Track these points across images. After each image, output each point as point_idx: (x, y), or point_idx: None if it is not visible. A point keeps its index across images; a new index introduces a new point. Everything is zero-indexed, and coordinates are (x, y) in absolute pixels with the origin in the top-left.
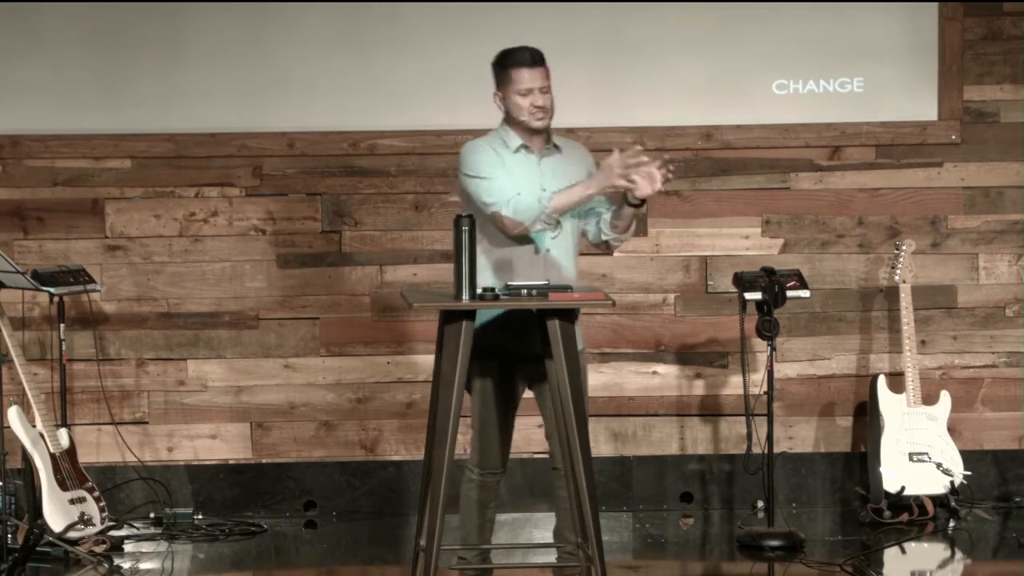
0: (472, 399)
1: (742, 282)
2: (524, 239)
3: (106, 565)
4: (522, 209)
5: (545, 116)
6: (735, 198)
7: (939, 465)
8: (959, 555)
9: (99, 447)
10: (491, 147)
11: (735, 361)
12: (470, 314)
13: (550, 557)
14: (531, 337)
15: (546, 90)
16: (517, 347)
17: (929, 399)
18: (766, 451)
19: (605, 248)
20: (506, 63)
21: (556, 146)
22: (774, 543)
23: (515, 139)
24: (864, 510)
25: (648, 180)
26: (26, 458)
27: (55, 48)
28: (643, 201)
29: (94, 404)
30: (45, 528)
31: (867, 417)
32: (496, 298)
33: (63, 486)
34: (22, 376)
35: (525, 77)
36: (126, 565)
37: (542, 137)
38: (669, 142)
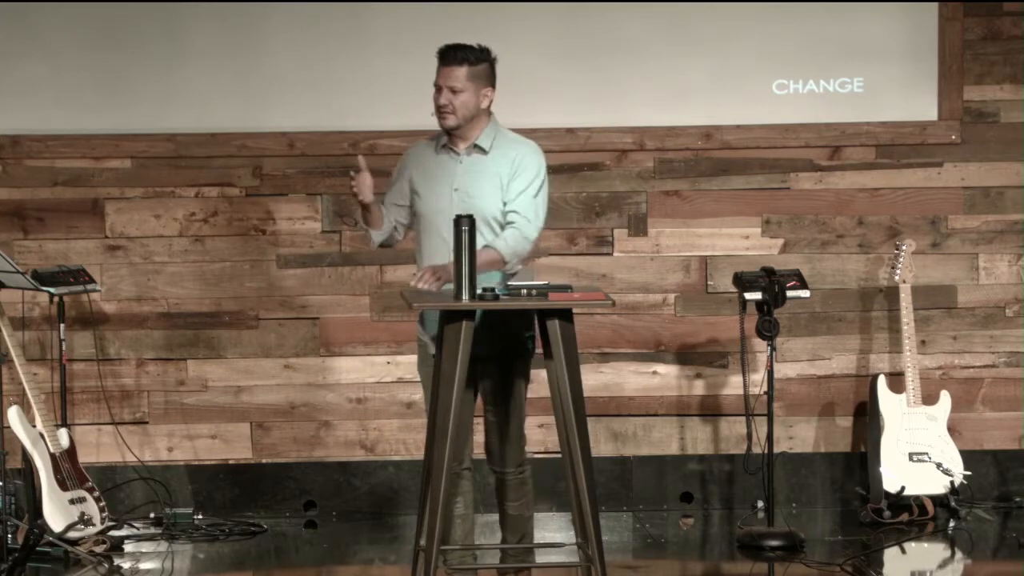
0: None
1: (742, 282)
2: (385, 244)
3: (106, 565)
4: None
5: (448, 116)
6: (735, 198)
7: (939, 465)
8: (959, 555)
9: (99, 447)
10: (418, 148)
11: (735, 361)
12: (470, 314)
13: (549, 557)
14: (482, 338)
15: (457, 91)
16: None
17: (929, 399)
18: (766, 451)
19: None
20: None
21: (481, 148)
22: (774, 543)
23: (443, 138)
24: (864, 510)
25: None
26: (26, 458)
27: (55, 48)
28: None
29: (94, 404)
30: (45, 528)
31: (867, 417)
32: (496, 298)
33: (63, 486)
34: (22, 376)
35: (438, 72)
36: (126, 565)
37: (464, 138)
38: (669, 142)
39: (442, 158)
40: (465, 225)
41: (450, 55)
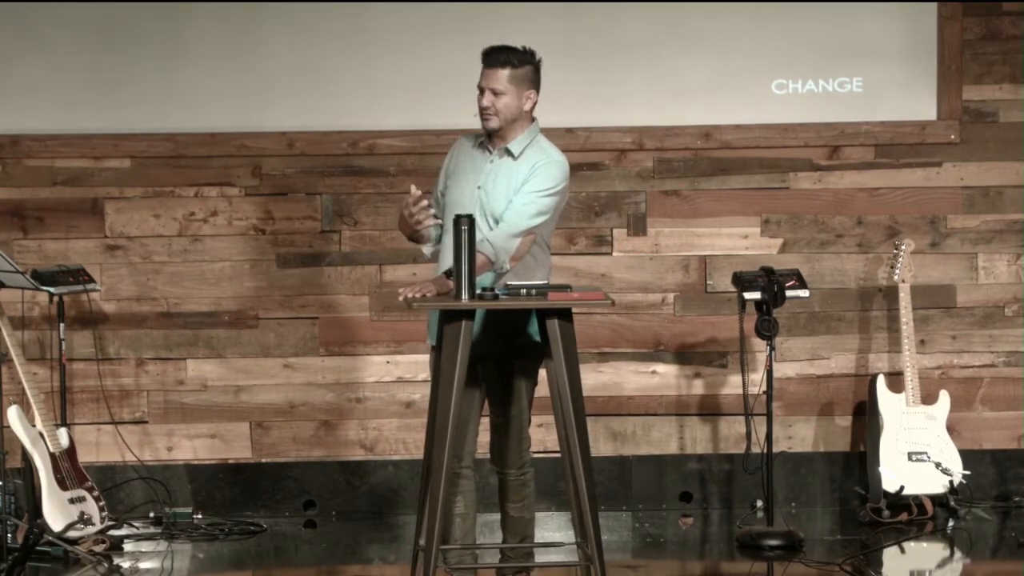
0: None
1: (741, 282)
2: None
3: (106, 565)
4: None
5: (490, 118)
6: (734, 198)
7: (938, 464)
8: (958, 555)
9: (99, 447)
10: (462, 141)
11: (734, 361)
12: (470, 313)
13: (549, 556)
14: (482, 338)
15: (498, 92)
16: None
17: (928, 399)
18: (765, 451)
19: None
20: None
21: (510, 152)
22: (773, 542)
23: (483, 135)
24: (863, 509)
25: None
26: (26, 458)
27: (55, 48)
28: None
29: (94, 404)
30: (45, 527)
31: (866, 417)
32: (496, 298)
33: (63, 485)
34: (22, 376)
35: (481, 74)
36: (126, 565)
37: (503, 139)
38: (668, 142)
39: (476, 154)
40: (465, 225)
41: (493, 57)
